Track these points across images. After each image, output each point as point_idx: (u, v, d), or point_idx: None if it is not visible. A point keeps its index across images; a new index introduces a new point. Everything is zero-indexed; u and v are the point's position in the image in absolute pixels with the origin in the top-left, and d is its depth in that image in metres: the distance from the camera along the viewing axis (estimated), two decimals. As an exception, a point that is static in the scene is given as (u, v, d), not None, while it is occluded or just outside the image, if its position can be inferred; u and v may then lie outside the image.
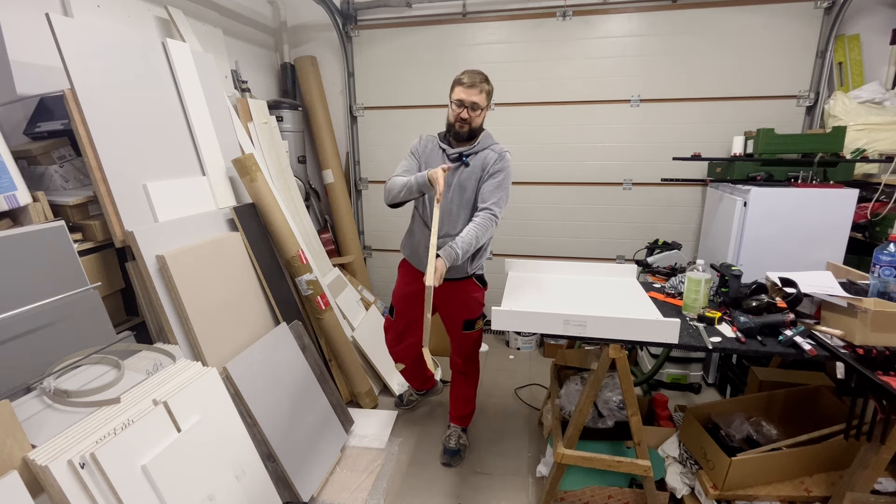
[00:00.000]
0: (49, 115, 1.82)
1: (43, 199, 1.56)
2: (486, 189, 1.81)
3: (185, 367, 1.51)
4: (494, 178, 1.81)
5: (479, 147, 1.84)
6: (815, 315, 1.65)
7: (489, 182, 1.81)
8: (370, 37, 3.29)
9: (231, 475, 1.46)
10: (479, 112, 1.79)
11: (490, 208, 1.79)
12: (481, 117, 1.82)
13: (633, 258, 2.98)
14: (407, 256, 2.03)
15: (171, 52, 2.02)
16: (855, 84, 2.68)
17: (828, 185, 2.28)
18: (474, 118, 1.78)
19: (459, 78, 1.76)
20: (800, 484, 1.67)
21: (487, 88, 1.79)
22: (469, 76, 1.75)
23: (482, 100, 1.77)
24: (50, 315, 1.42)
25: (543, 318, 1.53)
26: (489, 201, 1.80)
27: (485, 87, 1.77)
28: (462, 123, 1.79)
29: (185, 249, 1.80)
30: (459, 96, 1.75)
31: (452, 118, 1.80)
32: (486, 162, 1.82)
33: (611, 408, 1.90)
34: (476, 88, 1.75)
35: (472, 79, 1.75)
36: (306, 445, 1.93)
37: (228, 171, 2.24)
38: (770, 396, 1.97)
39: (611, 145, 3.12)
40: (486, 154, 1.84)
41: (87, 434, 1.15)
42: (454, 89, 1.78)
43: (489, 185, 1.81)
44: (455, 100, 1.77)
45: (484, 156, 1.84)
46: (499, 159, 1.82)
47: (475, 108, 1.76)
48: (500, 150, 1.84)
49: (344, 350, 2.47)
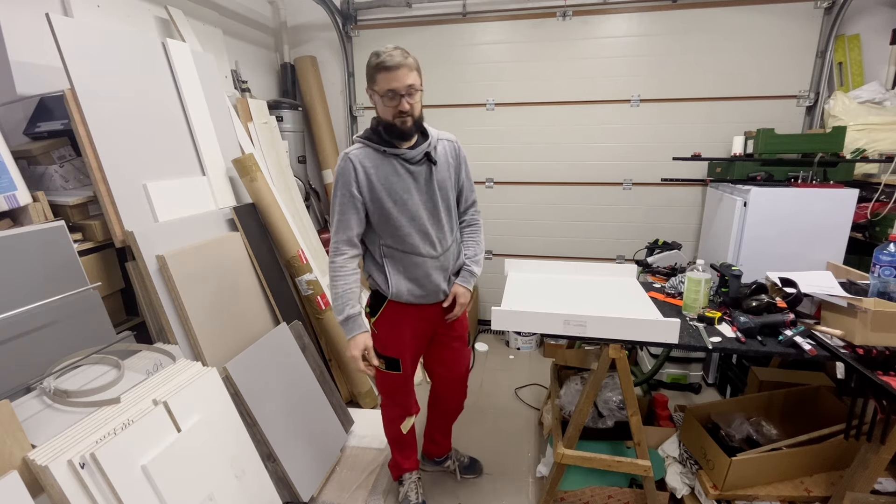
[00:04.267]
0: (49, 115, 1.82)
1: (43, 199, 1.56)
2: (467, 184, 1.63)
3: (185, 367, 1.50)
4: (466, 168, 1.61)
5: (434, 140, 1.51)
6: (815, 315, 1.65)
7: (463, 174, 1.61)
8: (370, 37, 3.29)
9: (231, 475, 1.46)
10: (418, 95, 1.39)
11: (475, 206, 1.69)
12: (420, 101, 1.42)
13: (633, 258, 2.98)
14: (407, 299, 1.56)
15: (171, 52, 2.02)
16: (855, 84, 2.68)
17: (828, 185, 2.28)
18: (415, 105, 1.39)
19: (379, 62, 1.33)
20: (800, 484, 1.67)
21: (415, 63, 1.37)
22: (388, 56, 1.32)
23: (416, 79, 1.37)
24: (50, 315, 1.42)
25: (543, 318, 1.52)
26: (471, 199, 1.67)
27: (412, 64, 1.36)
28: (404, 117, 1.38)
29: (185, 249, 1.80)
30: (389, 86, 1.34)
31: (390, 115, 1.39)
32: (449, 152, 1.55)
33: (611, 408, 1.90)
34: (405, 68, 1.33)
35: (394, 59, 1.32)
36: (306, 445, 1.93)
37: (228, 171, 2.24)
38: (770, 396, 1.97)
39: (611, 145, 3.12)
40: (444, 144, 1.55)
41: (86, 434, 1.15)
42: (376, 78, 1.35)
43: (466, 178, 1.62)
44: (385, 91, 1.35)
45: (443, 147, 1.54)
46: (458, 146, 1.59)
47: (412, 92, 1.36)
48: (449, 136, 1.59)
49: (344, 350, 2.47)
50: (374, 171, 1.44)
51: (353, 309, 1.47)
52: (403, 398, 1.77)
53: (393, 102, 1.36)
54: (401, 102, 1.35)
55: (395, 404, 1.78)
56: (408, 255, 1.52)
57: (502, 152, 3.28)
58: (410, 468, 1.92)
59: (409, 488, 1.89)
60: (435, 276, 1.56)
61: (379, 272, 1.57)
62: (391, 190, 1.45)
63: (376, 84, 1.37)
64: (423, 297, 1.58)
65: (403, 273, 1.54)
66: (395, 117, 1.39)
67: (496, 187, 3.36)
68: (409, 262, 1.53)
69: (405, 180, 1.46)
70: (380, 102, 1.39)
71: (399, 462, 1.91)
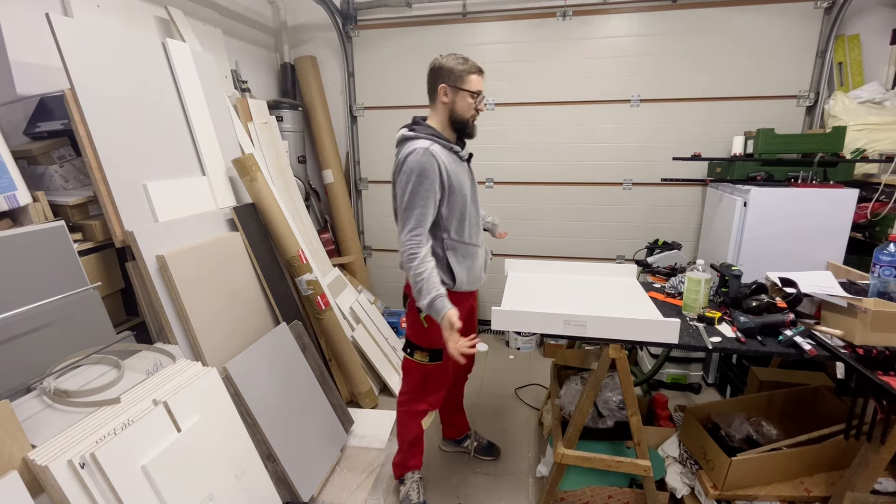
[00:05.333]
0: (49, 115, 1.82)
1: (43, 199, 1.56)
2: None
3: (185, 367, 1.51)
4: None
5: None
6: (815, 315, 1.65)
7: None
8: (370, 37, 3.29)
9: (231, 475, 1.46)
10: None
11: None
12: None
13: (633, 258, 2.98)
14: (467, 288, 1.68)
15: (171, 52, 2.02)
16: (855, 84, 2.68)
17: (828, 185, 2.28)
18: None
19: (472, 65, 1.53)
20: (800, 484, 1.67)
21: None
22: (474, 62, 1.54)
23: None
24: (50, 315, 1.41)
25: (543, 318, 1.52)
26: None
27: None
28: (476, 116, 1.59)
29: (184, 249, 1.80)
30: (480, 86, 1.54)
31: (469, 114, 1.56)
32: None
33: (611, 408, 1.90)
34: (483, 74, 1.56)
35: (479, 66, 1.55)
36: (306, 445, 1.93)
37: (228, 171, 2.24)
38: (770, 396, 1.97)
39: (611, 145, 3.12)
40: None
41: (87, 434, 1.15)
42: (468, 79, 1.52)
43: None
44: (476, 91, 1.54)
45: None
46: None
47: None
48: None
49: (344, 350, 2.47)
50: (450, 167, 1.53)
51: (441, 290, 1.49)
52: (436, 390, 1.81)
53: (475, 102, 1.54)
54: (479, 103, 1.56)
55: (424, 400, 1.81)
56: (467, 245, 1.64)
57: (502, 152, 3.28)
58: (415, 467, 1.94)
59: (410, 488, 1.90)
60: (480, 262, 1.72)
61: (440, 264, 1.60)
62: (461, 185, 1.56)
63: (468, 84, 1.52)
64: (473, 284, 1.70)
65: (464, 263, 1.64)
66: (473, 117, 1.57)
67: (496, 187, 3.36)
68: (467, 253, 1.65)
69: (464, 176, 1.59)
70: (462, 101, 1.54)
71: (406, 461, 1.92)
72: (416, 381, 1.79)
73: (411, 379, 1.80)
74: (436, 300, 1.45)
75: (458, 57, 1.53)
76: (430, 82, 1.57)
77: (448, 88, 1.53)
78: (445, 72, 1.52)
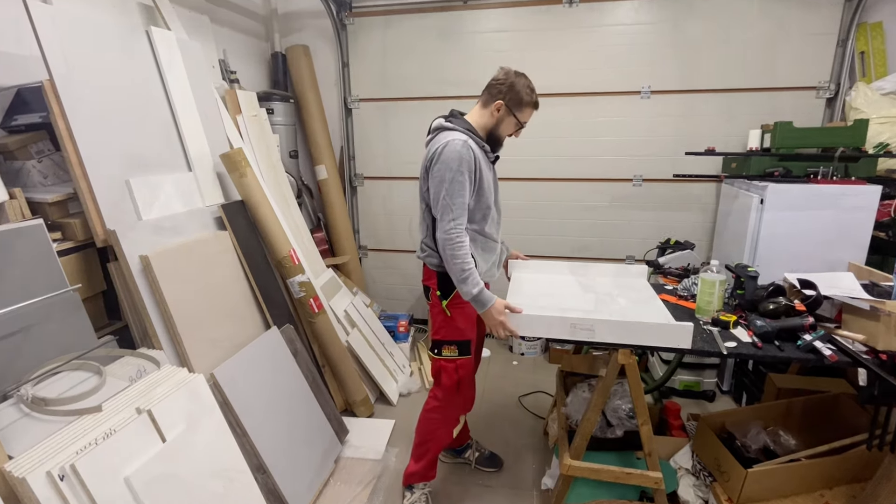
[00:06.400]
0: (26, 107, 1.81)
1: (20, 196, 1.55)
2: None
3: (171, 374, 1.51)
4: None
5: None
6: (835, 319, 1.65)
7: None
8: (366, 24, 3.29)
9: (219, 487, 1.46)
10: None
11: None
12: None
13: (644, 258, 2.98)
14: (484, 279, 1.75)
15: (156, 40, 2.02)
16: (878, 74, 2.68)
17: (849, 182, 2.28)
18: None
19: (534, 100, 1.71)
20: (820, 497, 1.67)
21: None
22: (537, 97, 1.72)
23: None
24: (27, 318, 1.41)
25: (549, 321, 1.53)
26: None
27: None
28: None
29: (170, 249, 1.80)
30: (528, 119, 1.75)
31: (507, 135, 1.77)
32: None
33: (620, 416, 1.91)
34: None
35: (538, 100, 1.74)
36: (298, 456, 1.93)
37: (216, 167, 2.24)
38: (788, 404, 1.97)
39: (619, 139, 3.12)
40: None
41: (66, 444, 1.15)
42: (524, 111, 1.71)
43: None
44: (522, 122, 1.74)
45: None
46: None
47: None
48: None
49: (338, 356, 2.47)
50: (481, 162, 1.68)
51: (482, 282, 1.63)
52: (470, 388, 1.90)
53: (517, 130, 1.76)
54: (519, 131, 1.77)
55: (459, 403, 1.87)
56: (487, 239, 1.77)
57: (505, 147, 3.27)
58: (431, 478, 1.97)
59: (418, 498, 1.93)
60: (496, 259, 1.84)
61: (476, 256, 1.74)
62: (489, 183, 1.72)
63: (523, 114, 1.71)
64: (489, 278, 1.80)
65: (483, 255, 1.76)
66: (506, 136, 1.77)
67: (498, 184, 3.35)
68: (487, 246, 1.78)
69: (491, 176, 1.75)
70: (508, 123, 1.72)
71: (426, 471, 1.93)
72: (450, 383, 1.81)
73: (445, 381, 1.81)
74: (483, 291, 1.59)
75: (529, 85, 1.69)
76: (492, 89, 1.69)
77: (504, 107, 1.67)
78: (512, 93, 1.66)
